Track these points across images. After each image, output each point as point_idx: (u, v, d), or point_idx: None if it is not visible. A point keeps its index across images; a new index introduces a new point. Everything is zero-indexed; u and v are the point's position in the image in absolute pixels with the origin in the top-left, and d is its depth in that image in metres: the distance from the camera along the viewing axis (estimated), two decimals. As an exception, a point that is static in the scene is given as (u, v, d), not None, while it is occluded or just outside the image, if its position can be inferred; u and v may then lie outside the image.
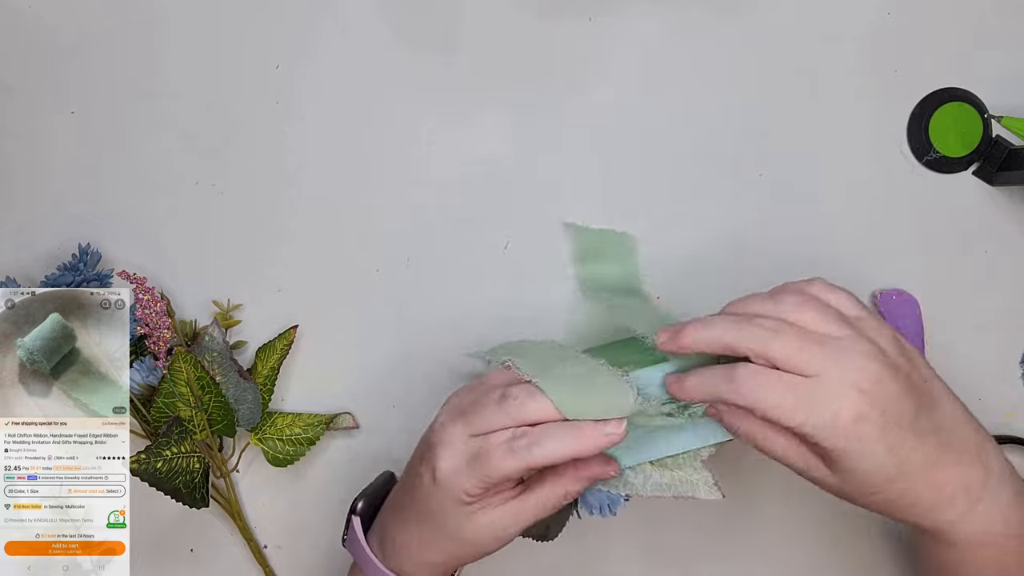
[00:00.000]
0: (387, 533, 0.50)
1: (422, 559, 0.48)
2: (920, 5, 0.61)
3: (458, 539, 0.46)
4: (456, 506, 0.45)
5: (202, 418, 0.57)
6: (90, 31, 0.63)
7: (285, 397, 0.62)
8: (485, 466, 0.43)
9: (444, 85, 0.62)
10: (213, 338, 0.59)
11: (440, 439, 0.46)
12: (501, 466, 0.43)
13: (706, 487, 0.50)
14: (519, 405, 0.44)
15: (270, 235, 0.62)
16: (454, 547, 0.47)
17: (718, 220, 0.61)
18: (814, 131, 0.61)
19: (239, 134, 0.62)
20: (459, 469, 0.44)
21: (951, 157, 0.60)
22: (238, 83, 0.62)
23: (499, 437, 0.44)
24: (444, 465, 0.45)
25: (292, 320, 0.61)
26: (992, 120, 0.60)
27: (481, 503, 0.46)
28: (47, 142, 0.63)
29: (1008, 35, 0.61)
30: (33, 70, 0.63)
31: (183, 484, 0.56)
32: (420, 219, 0.62)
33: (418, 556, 0.48)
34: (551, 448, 0.43)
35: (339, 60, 0.62)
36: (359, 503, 0.52)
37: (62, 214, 0.62)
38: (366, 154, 0.62)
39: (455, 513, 0.46)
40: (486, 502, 0.46)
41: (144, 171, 0.62)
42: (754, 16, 0.61)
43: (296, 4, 0.62)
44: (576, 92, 0.62)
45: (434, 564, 0.48)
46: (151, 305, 0.56)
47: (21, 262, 0.62)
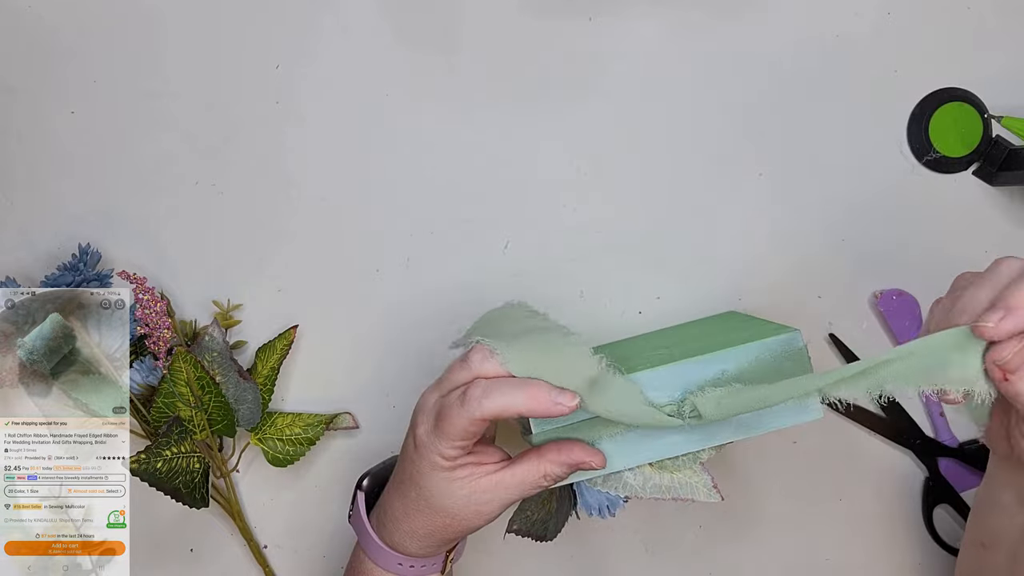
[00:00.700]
0: (384, 507, 0.50)
1: (408, 528, 0.48)
2: (920, 5, 0.61)
3: (439, 508, 0.47)
4: (434, 471, 0.46)
5: (202, 418, 0.57)
6: (90, 31, 0.63)
7: (285, 397, 0.62)
8: (444, 421, 0.45)
9: (444, 85, 0.62)
10: (213, 338, 0.59)
11: (419, 407, 0.47)
12: (456, 420, 0.44)
13: (705, 489, 0.50)
14: (478, 362, 0.45)
15: (270, 235, 0.62)
16: (435, 517, 0.47)
17: (718, 220, 0.61)
18: (814, 131, 0.61)
19: (239, 134, 0.62)
20: (430, 431, 0.46)
21: (951, 157, 0.60)
22: (238, 83, 0.62)
23: (456, 392, 0.45)
24: (420, 430, 0.46)
25: (292, 320, 0.61)
26: (992, 120, 0.60)
27: (462, 472, 0.46)
28: (47, 142, 0.63)
29: (1008, 35, 0.61)
30: (34, 70, 0.63)
31: (183, 484, 0.56)
32: (420, 219, 0.62)
33: (405, 526, 0.48)
34: (499, 400, 0.43)
35: (339, 60, 0.62)
36: (364, 480, 0.53)
37: (62, 214, 0.62)
38: (366, 154, 0.62)
39: (435, 479, 0.46)
40: (467, 472, 0.46)
41: (144, 171, 0.62)
42: (754, 16, 0.61)
43: (296, 4, 0.62)
44: (576, 91, 0.62)
45: (419, 536, 0.48)
46: (151, 305, 0.56)
47: (21, 262, 0.62)
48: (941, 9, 0.61)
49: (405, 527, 0.49)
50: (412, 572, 0.50)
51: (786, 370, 0.47)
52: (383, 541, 0.50)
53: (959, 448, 0.60)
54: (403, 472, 0.48)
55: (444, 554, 0.51)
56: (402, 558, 0.49)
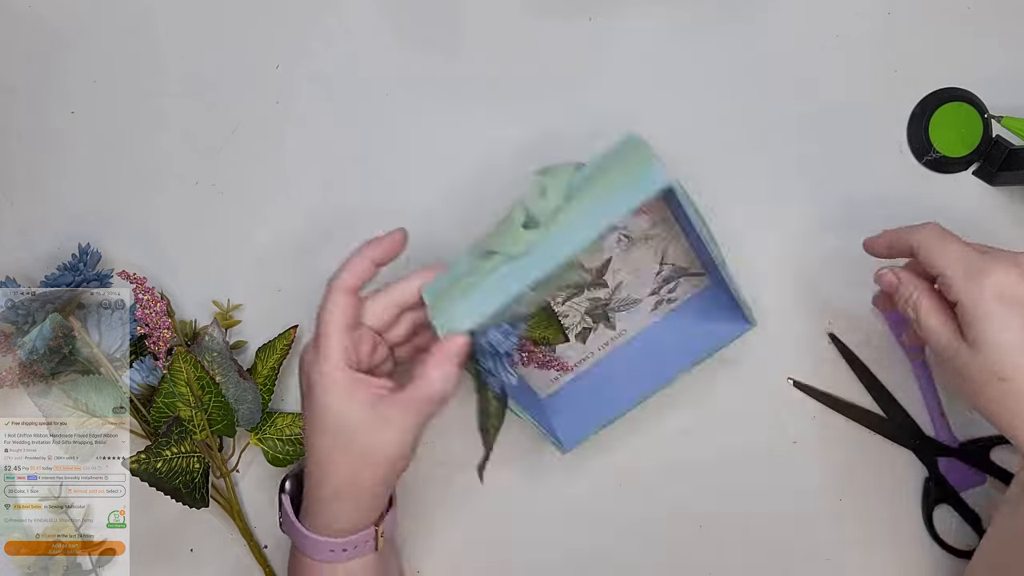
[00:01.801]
0: (307, 489, 0.50)
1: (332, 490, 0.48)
2: (920, 5, 0.61)
3: (349, 438, 0.46)
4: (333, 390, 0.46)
5: (202, 418, 0.57)
6: (90, 31, 0.63)
7: (285, 397, 0.62)
8: (319, 326, 0.47)
9: (445, 85, 0.62)
10: (213, 338, 0.59)
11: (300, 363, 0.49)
12: (326, 307, 0.47)
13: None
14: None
15: (270, 235, 0.62)
16: (350, 455, 0.47)
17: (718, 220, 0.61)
18: (814, 131, 0.61)
19: (239, 134, 0.62)
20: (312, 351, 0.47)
21: (951, 157, 0.60)
22: (238, 83, 0.62)
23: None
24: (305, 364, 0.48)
25: (292, 320, 0.61)
26: (992, 120, 0.60)
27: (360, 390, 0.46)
28: (48, 142, 0.63)
29: (1008, 35, 0.61)
30: (34, 71, 0.63)
31: (183, 484, 0.56)
32: (420, 219, 0.62)
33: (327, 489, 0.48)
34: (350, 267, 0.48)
35: (339, 60, 0.62)
36: (286, 482, 0.53)
37: (62, 214, 0.62)
38: (366, 154, 0.62)
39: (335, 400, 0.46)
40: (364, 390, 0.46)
41: (144, 171, 0.62)
42: (754, 16, 0.61)
43: (297, 4, 0.62)
44: (576, 92, 0.62)
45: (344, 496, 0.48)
46: (151, 305, 0.56)
47: (21, 262, 0.62)
48: (941, 9, 0.61)
49: (328, 490, 0.48)
50: (345, 556, 0.50)
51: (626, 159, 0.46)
52: (311, 529, 0.49)
53: (959, 448, 0.60)
54: (308, 427, 0.48)
55: (373, 528, 0.50)
56: (333, 543, 0.49)
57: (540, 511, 0.61)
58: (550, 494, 0.61)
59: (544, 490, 0.61)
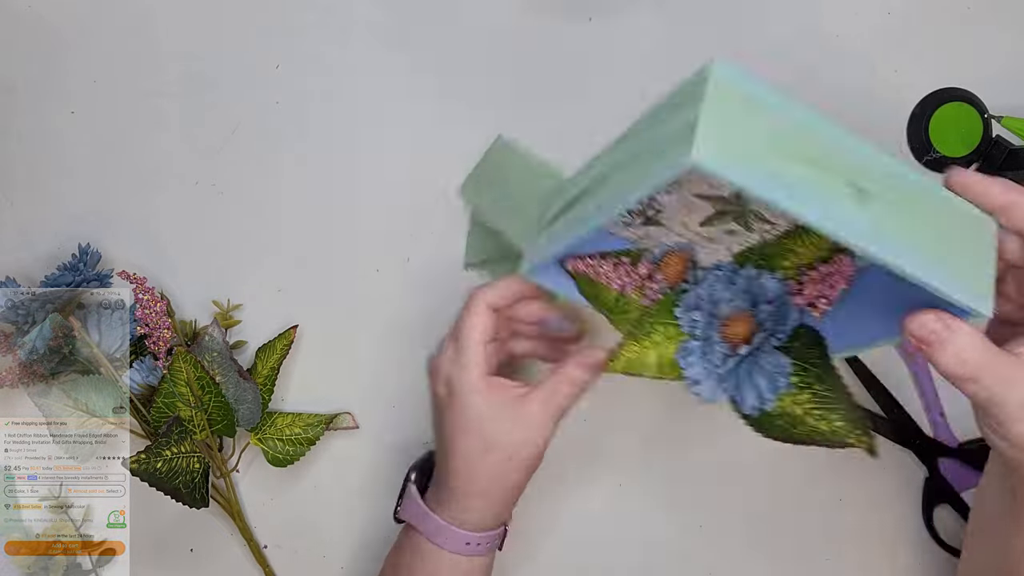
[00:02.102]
0: (437, 484, 0.51)
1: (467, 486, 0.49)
2: (920, 5, 0.61)
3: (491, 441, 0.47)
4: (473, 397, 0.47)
5: (202, 418, 0.57)
6: (90, 31, 0.63)
7: (285, 397, 0.62)
8: (459, 332, 0.48)
9: (444, 85, 0.62)
10: (213, 338, 0.59)
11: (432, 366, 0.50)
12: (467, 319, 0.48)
13: None
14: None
15: (270, 235, 0.62)
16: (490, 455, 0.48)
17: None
18: (814, 131, 0.61)
19: (239, 134, 0.62)
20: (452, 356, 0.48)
21: (951, 157, 0.60)
22: (238, 83, 0.62)
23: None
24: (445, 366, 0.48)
25: (292, 320, 0.61)
26: (992, 120, 0.60)
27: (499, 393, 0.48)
28: (48, 142, 0.63)
29: (1008, 35, 0.61)
30: (34, 70, 0.63)
31: (183, 484, 0.56)
32: (420, 219, 0.62)
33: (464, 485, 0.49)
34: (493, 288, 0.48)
35: (339, 60, 0.62)
36: (412, 473, 0.55)
37: (62, 214, 0.62)
38: (366, 154, 0.62)
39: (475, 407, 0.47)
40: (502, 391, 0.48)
41: (144, 171, 0.62)
42: (754, 16, 0.61)
43: (297, 4, 0.62)
44: (576, 92, 0.62)
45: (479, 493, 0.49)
46: (151, 305, 0.56)
47: (21, 262, 0.62)
48: (941, 9, 0.61)
49: (475, 487, 0.49)
50: (478, 550, 0.50)
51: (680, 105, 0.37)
52: (445, 519, 0.50)
53: (959, 448, 0.60)
54: (450, 428, 0.49)
55: (503, 529, 0.52)
56: (470, 536, 0.50)
57: (540, 510, 0.61)
58: (550, 493, 0.61)
59: (545, 489, 0.61)
